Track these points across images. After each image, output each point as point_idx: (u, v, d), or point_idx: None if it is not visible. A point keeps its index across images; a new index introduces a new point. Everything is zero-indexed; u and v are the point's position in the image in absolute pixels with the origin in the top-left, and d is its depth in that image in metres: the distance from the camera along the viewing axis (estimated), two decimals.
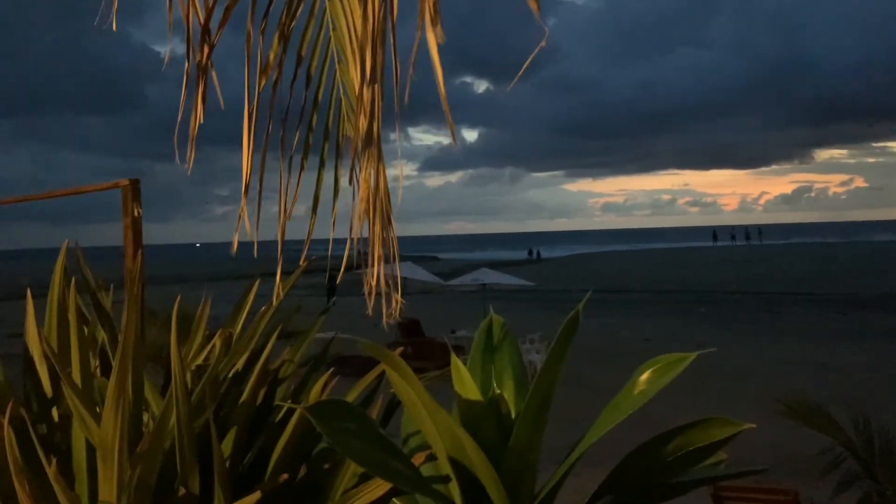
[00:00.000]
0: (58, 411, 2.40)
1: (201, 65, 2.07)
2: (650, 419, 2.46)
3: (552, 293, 32.14)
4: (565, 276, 47.03)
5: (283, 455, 2.29)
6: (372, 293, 2.02)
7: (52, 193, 4.48)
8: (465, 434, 1.71)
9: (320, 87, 2.18)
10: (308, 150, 2.08)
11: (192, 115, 1.88)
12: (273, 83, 2.21)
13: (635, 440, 2.09)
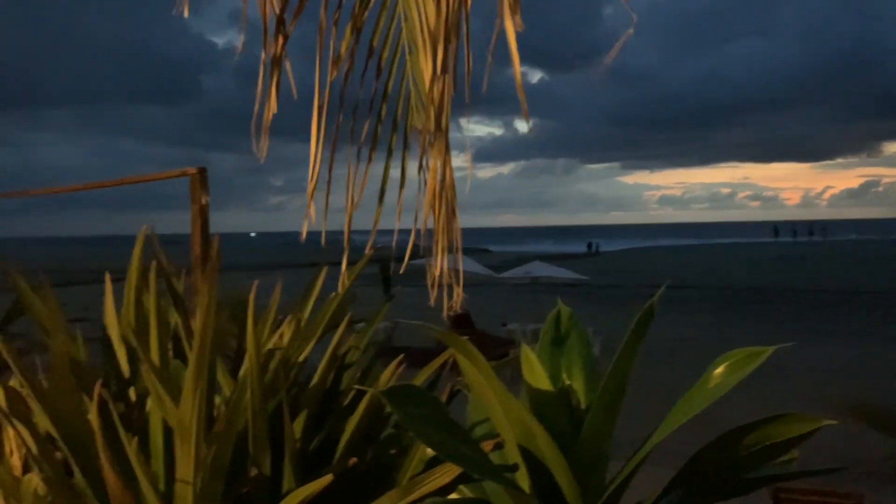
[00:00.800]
0: (135, 391, 2.48)
1: (275, 55, 2.10)
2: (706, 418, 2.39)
3: (606, 288, 31.79)
4: (619, 270, 46.44)
5: (351, 439, 2.33)
6: (434, 284, 2.03)
7: (123, 181, 4.62)
8: (536, 423, 1.71)
9: (390, 78, 2.20)
10: (376, 141, 2.10)
11: (266, 106, 1.91)
12: (345, 74, 2.23)
13: (685, 440, 2.04)
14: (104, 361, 2.55)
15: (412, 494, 2.11)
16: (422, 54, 2.14)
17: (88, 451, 2.28)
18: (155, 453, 2.29)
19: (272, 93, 2.00)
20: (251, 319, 2.14)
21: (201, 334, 1.98)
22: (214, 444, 2.08)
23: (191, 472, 2.03)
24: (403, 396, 1.78)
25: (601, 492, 1.84)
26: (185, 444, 2.01)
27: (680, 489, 1.88)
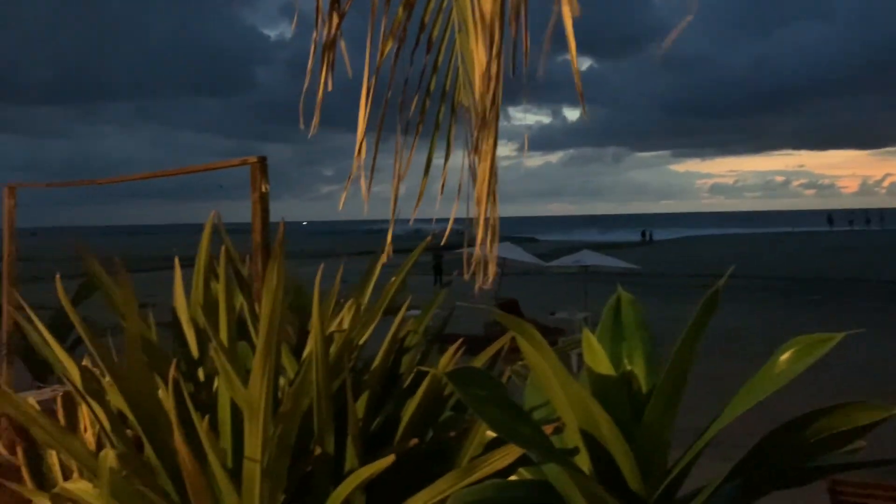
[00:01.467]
0: (203, 372, 2.57)
1: (330, 35, 2.13)
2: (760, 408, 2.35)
3: (657, 277, 31.37)
4: (670, 259, 45.76)
5: (411, 420, 2.37)
6: (471, 268, 2.05)
7: (185, 170, 4.74)
8: (598, 407, 1.73)
9: (439, 56, 2.20)
10: (423, 117, 2.10)
11: (320, 84, 1.93)
12: (395, 52, 2.23)
13: (737, 430, 2.01)
14: (173, 343, 2.64)
15: (472, 476, 2.14)
16: (471, 33, 2.14)
17: (159, 428, 2.37)
18: (223, 431, 2.37)
19: (324, 72, 2.01)
20: (317, 302, 2.19)
21: (270, 316, 2.04)
22: (281, 423, 2.15)
23: (258, 450, 2.10)
24: (466, 378, 1.81)
25: (663, 477, 1.84)
26: (254, 423, 2.08)
27: (741, 476, 1.87)
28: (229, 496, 2.17)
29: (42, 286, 3.55)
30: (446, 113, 2.25)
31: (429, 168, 2.00)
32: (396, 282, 2.81)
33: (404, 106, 2.01)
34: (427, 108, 2.11)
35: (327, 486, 2.30)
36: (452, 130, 2.04)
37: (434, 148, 2.03)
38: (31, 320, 3.01)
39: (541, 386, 1.95)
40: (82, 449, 2.48)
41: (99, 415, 2.48)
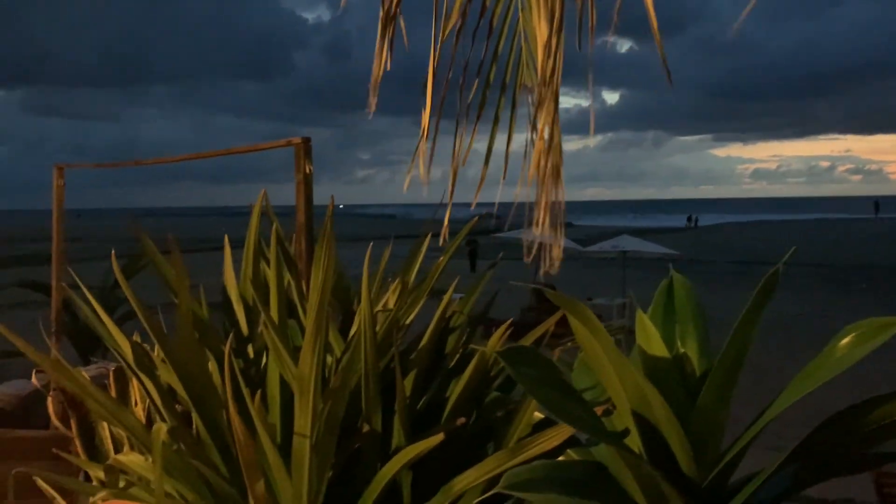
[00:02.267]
0: (252, 348, 2.60)
1: (390, 13, 2.11)
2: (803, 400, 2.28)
3: (697, 263, 30.97)
4: (712, 246, 45.12)
5: (459, 400, 2.37)
6: (533, 249, 2.03)
7: (231, 150, 4.79)
8: (652, 389, 1.70)
9: (501, 36, 2.17)
10: (485, 99, 2.08)
11: (377, 62, 1.92)
12: (457, 33, 2.21)
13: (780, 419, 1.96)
14: (223, 320, 2.68)
15: (520, 456, 2.14)
16: (535, 12, 2.11)
17: (209, 403, 2.41)
18: (272, 407, 2.40)
19: (384, 50, 2.00)
20: (366, 279, 2.20)
21: (321, 292, 2.05)
22: (329, 400, 2.16)
23: (308, 426, 2.12)
24: (518, 357, 1.80)
25: (716, 461, 1.82)
26: (304, 399, 2.10)
27: (795, 463, 1.84)
28: (278, 471, 2.20)
29: (87, 266, 3.62)
30: (508, 94, 2.22)
31: (490, 150, 1.98)
32: (443, 262, 2.81)
33: (465, 88, 1.99)
34: (488, 90, 2.08)
35: (374, 464, 2.32)
36: (514, 111, 2.01)
37: (496, 129, 2.01)
38: (82, 298, 3.08)
39: (591, 367, 1.93)
40: (135, 422, 2.53)
41: (150, 389, 2.52)
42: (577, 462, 1.97)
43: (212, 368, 2.51)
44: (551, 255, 1.98)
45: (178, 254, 2.42)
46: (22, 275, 18.10)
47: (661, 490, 1.78)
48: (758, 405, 2.00)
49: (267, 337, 2.27)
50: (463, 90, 2.16)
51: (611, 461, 1.87)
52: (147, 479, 2.55)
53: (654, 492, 1.79)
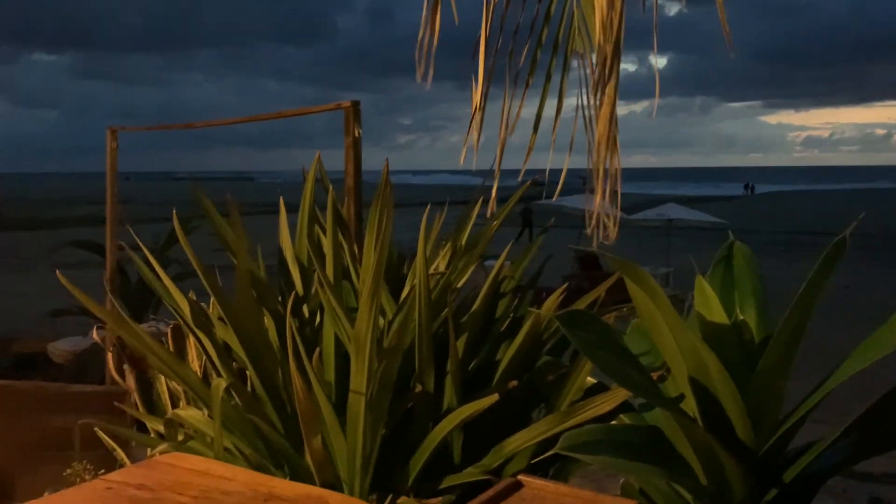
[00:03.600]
0: (307, 308, 2.64)
1: None
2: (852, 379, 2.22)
3: (744, 233, 30.38)
4: (759, 215, 44.20)
5: (511, 363, 2.39)
6: (592, 218, 2.01)
7: (282, 114, 4.82)
8: (711, 355, 1.69)
9: (552, 4, 2.12)
10: (535, 65, 2.05)
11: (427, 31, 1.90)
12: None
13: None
14: (278, 281, 2.72)
15: (572, 419, 2.15)
16: None
17: (266, 361, 2.46)
18: (327, 365, 2.45)
19: (436, 19, 1.98)
20: (422, 240, 2.21)
21: (378, 254, 2.07)
22: (384, 360, 2.19)
23: (363, 384, 2.16)
24: (576, 320, 1.80)
25: (774, 429, 1.80)
26: (360, 358, 2.13)
27: (856, 433, 1.81)
28: (333, 427, 2.24)
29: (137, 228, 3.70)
30: (558, 60, 2.18)
31: (539, 116, 1.96)
32: (495, 226, 2.81)
33: (514, 54, 1.97)
34: (539, 53, 2.05)
35: (426, 423, 2.35)
36: (565, 76, 1.98)
37: (546, 95, 1.98)
38: (136, 259, 3.16)
39: (647, 331, 1.92)
40: (194, 377, 2.60)
41: (206, 346, 2.59)
42: (633, 426, 1.98)
43: (267, 326, 2.56)
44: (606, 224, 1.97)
45: (237, 216, 2.46)
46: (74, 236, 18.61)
47: (716, 456, 1.77)
48: (805, 375, 1.97)
49: (323, 297, 2.30)
50: (513, 56, 2.12)
51: (665, 426, 1.87)
52: (204, 432, 2.63)
53: (709, 457, 1.79)
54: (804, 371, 2.26)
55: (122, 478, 1.94)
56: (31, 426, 5.19)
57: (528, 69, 2.19)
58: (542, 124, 2.20)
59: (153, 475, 1.92)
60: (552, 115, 2.21)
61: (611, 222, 2.03)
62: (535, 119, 2.31)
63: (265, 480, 1.91)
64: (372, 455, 2.25)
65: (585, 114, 2.10)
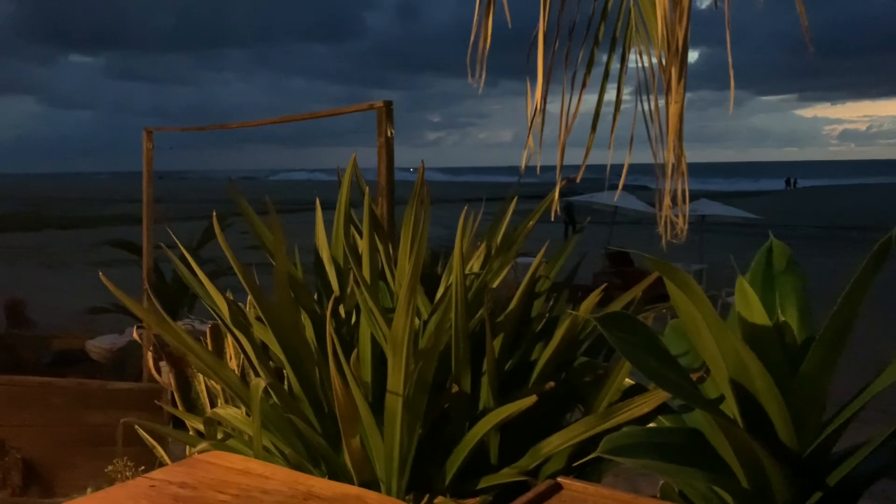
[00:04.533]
0: (343, 308, 2.66)
1: None
2: None
3: (779, 228, 29.90)
4: (794, 210, 43.49)
5: (548, 363, 2.38)
6: (664, 215, 2.01)
7: (316, 114, 4.86)
8: (752, 356, 1.67)
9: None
10: (592, 62, 2.04)
11: (482, 33, 1.90)
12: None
13: None
14: (315, 281, 2.74)
15: (610, 421, 2.14)
16: None
17: (304, 360, 2.48)
18: (364, 365, 2.46)
19: (488, 20, 1.97)
20: (459, 240, 2.21)
21: (415, 255, 2.08)
22: (421, 360, 2.20)
23: (401, 384, 2.17)
24: (615, 322, 1.79)
25: (818, 432, 1.78)
26: (397, 358, 2.14)
27: None
28: (370, 427, 2.26)
29: (171, 227, 3.75)
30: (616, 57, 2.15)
31: (598, 114, 1.95)
32: (529, 226, 2.80)
33: (571, 50, 1.95)
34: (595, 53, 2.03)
35: (463, 423, 2.36)
36: (623, 72, 1.97)
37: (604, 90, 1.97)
38: (170, 258, 3.20)
39: (687, 333, 1.90)
40: (233, 376, 2.63)
41: (245, 345, 2.62)
42: (674, 428, 1.96)
43: (303, 325, 2.58)
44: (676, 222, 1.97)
45: (275, 216, 2.49)
46: (108, 235, 18.89)
47: (758, 458, 1.75)
48: (845, 373, 1.93)
49: (359, 297, 2.32)
50: (569, 52, 2.09)
51: (706, 428, 1.85)
52: (243, 431, 2.66)
53: (751, 460, 1.77)
54: (843, 369, 2.23)
55: (165, 476, 1.96)
56: (71, 422, 5.31)
57: (563, 65, 2.16)
58: (578, 120, 2.18)
59: (195, 473, 1.94)
60: (589, 111, 2.19)
61: (680, 220, 2.03)
62: (593, 116, 2.28)
63: (304, 479, 1.92)
64: (409, 455, 2.26)
65: (645, 110, 2.08)
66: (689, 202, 1.78)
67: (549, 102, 2.16)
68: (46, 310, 12.09)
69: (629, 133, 2.22)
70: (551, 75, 2.01)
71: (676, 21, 1.62)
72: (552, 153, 2.08)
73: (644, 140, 2.21)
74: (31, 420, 5.23)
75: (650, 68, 1.86)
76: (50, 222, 38.22)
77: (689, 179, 1.95)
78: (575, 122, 2.05)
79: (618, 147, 2.24)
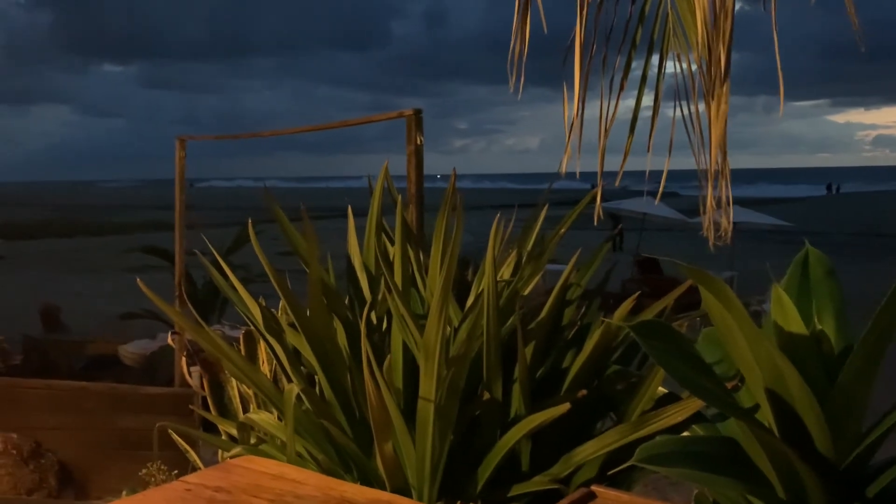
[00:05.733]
0: (375, 315, 2.67)
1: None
2: None
3: (811, 235, 29.46)
4: (826, 217, 42.84)
5: (580, 371, 2.37)
6: (709, 221, 2.01)
7: (346, 122, 4.90)
8: (789, 365, 1.65)
9: (646, 4, 2.09)
10: (629, 67, 2.03)
11: (518, 38, 1.91)
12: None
13: None
14: (347, 287, 2.77)
15: (643, 430, 2.13)
16: None
17: (336, 366, 2.50)
18: (395, 372, 2.48)
19: (526, 26, 1.97)
20: (491, 247, 2.22)
21: (448, 263, 2.09)
22: (453, 367, 2.21)
23: (432, 391, 2.18)
24: (649, 330, 1.79)
25: (856, 442, 1.75)
26: (429, 365, 2.15)
27: None
28: (403, 434, 2.27)
29: (200, 234, 3.80)
30: (656, 54, 2.14)
31: (636, 118, 1.95)
32: (561, 232, 2.80)
33: (608, 54, 1.95)
34: (632, 56, 2.02)
35: (494, 431, 2.36)
36: (661, 77, 1.96)
37: (642, 95, 1.97)
38: (202, 264, 3.24)
39: (721, 342, 1.89)
40: (267, 382, 2.66)
41: (277, 351, 2.64)
42: (709, 437, 1.95)
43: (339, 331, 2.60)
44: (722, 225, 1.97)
45: (309, 223, 2.51)
46: (139, 241, 19.14)
47: (794, 468, 1.73)
48: (884, 385, 1.89)
49: (391, 304, 2.33)
50: (606, 56, 2.08)
51: (741, 438, 1.83)
52: (275, 436, 2.69)
53: (787, 470, 1.75)
54: (882, 379, 2.19)
55: (200, 480, 1.99)
56: (104, 426, 5.40)
57: (601, 70, 2.15)
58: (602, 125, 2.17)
59: (229, 477, 1.97)
60: (621, 117, 2.18)
61: (724, 222, 2.03)
62: (631, 120, 2.27)
63: (336, 485, 1.94)
64: (440, 461, 2.27)
65: (684, 114, 2.07)
66: (731, 203, 1.77)
67: (565, 109, 2.16)
68: (80, 315, 12.33)
69: (659, 139, 2.21)
70: (588, 80, 2.01)
71: (721, 20, 1.61)
72: (583, 160, 2.08)
73: (678, 145, 2.20)
74: (67, 423, 5.33)
75: (689, 72, 1.85)
76: (83, 229, 38.93)
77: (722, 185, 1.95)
78: (612, 125, 2.04)
79: (643, 153, 2.23)
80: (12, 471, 5.04)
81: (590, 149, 2.13)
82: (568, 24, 2.08)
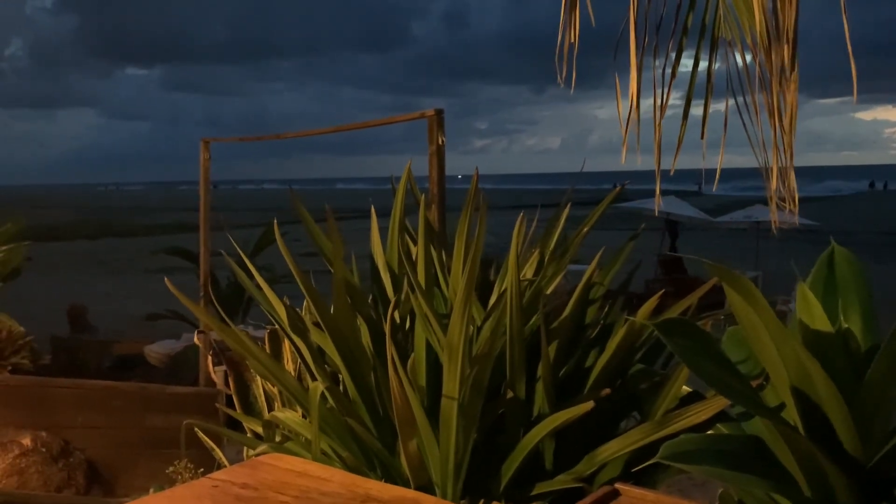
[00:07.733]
0: (398, 314, 2.69)
1: None
2: None
3: (837, 234, 29.06)
4: (854, 215, 42.22)
5: (604, 369, 2.37)
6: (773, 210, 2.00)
7: (368, 123, 4.92)
8: (815, 363, 1.65)
9: None
10: (681, 54, 2.00)
11: (567, 36, 1.89)
12: None
13: None
14: (370, 287, 2.79)
15: (667, 428, 2.13)
16: None
17: (361, 365, 2.52)
18: (419, 370, 2.49)
19: (575, 21, 1.96)
20: (514, 245, 2.23)
21: (471, 263, 2.10)
22: (477, 365, 2.22)
23: (456, 390, 2.19)
24: (674, 328, 1.79)
25: (884, 441, 1.74)
26: (453, 363, 2.17)
27: None
28: (426, 432, 2.28)
29: (224, 235, 3.85)
30: (707, 41, 2.11)
31: (687, 113, 1.93)
32: (584, 231, 2.80)
33: (659, 46, 1.92)
34: (684, 45, 2.00)
35: (518, 429, 2.36)
36: (712, 70, 1.94)
37: (692, 89, 1.95)
38: (229, 265, 3.28)
39: (747, 340, 1.88)
40: (292, 381, 2.69)
41: (302, 350, 2.67)
42: (734, 435, 1.94)
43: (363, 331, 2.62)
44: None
45: (334, 224, 2.54)
46: (164, 243, 19.34)
47: (821, 467, 1.72)
48: None
49: (415, 303, 2.35)
50: (657, 50, 2.06)
51: (767, 436, 1.83)
52: (300, 433, 2.71)
53: (813, 469, 1.74)
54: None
55: (227, 477, 2.02)
56: (131, 424, 5.48)
57: (652, 62, 2.11)
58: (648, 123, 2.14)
59: (256, 475, 1.99)
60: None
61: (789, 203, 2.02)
62: (682, 113, 2.23)
63: (361, 482, 1.96)
64: (464, 460, 2.28)
65: (738, 105, 2.05)
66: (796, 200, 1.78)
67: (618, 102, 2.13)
68: (106, 315, 12.50)
69: (687, 135, 2.19)
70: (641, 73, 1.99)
71: (787, 11, 1.58)
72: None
73: (694, 145, 2.18)
74: (95, 422, 5.41)
75: (744, 63, 1.83)
76: (109, 231, 39.45)
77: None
78: (663, 117, 2.03)
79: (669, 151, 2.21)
80: (42, 468, 5.12)
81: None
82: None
